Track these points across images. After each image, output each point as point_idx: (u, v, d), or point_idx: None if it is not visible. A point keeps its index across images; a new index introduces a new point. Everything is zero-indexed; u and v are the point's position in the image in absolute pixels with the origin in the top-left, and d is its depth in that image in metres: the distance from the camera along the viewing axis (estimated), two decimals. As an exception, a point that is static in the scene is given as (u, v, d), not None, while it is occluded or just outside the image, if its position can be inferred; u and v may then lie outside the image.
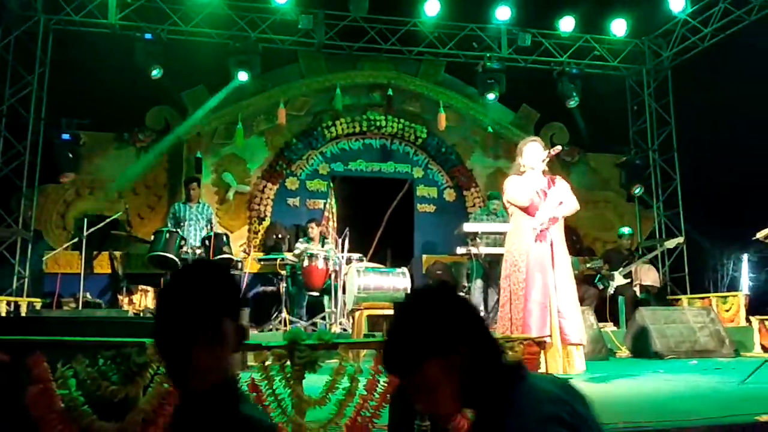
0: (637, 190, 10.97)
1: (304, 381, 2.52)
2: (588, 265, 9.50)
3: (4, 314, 7.54)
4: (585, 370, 4.85)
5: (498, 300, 8.39)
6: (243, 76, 9.55)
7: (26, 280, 8.76)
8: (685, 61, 10.65)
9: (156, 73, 9.07)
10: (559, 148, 5.34)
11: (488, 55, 10.43)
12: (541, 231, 4.84)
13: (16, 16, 8.90)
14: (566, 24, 10.37)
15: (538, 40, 10.55)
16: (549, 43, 10.65)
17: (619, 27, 10.51)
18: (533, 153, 5.01)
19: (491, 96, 10.44)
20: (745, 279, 9.59)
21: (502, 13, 10.09)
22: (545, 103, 11.17)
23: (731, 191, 9.48)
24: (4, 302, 7.84)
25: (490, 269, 8.42)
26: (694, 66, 10.44)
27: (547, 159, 5.01)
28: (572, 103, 10.47)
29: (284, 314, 8.03)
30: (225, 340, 1.37)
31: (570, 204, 5.08)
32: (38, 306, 8.21)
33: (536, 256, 4.79)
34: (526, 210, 4.90)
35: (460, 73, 11.10)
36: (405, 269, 7.24)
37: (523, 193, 4.90)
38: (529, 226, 4.87)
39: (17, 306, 8.01)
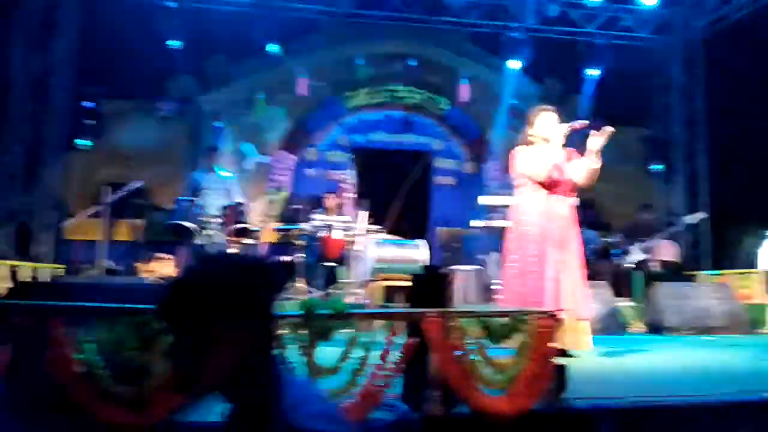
0: (656, 166, 10.86)
1: (317, 350, 2.55)
2: (606, 239, 9.44)
3: (25, 279, 7.69)
4: (592, 348, 4.76)
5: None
6: (274, 47, 9.55)
7: (49, 246, 8.90)
8: (718, 33, 10.39)
9: (175, 43, 9.07)
10: (585, 122, 5.14)
11: (514, 25, 10.27)
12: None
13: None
14: (594, -7, 10.16)
15: (564, 9, 10.36)
16: (575, 13, 10.46)
17: (649, -4, 10.26)
18: (546, 124, 4.80)
19: (516, 66, 10.31)
20: (765, 257, 9.46)
21: (528, -17, 9.94)
22: (570, 74, 11.01)
23: (758, 169, 9.33)
24: (28, 268, 7.98)
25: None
26: (727, 38, 10.19)
27: (568, 132, 4.80)
28: (595, 76, 10.32)
29: (301, 284, 8.08)
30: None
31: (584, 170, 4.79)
32: (61, 272, 8.36)
33: (550, 231, 4.66)
34: (541, 184, 4.72)
35: (484, 43, 10.98)
36: (424, 241, 7.24)
37: (541, 166, 4.69)
38: (543, 200, 4.71)
39: (39, 272, 8.14)
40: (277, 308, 1.37)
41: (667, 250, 9.10)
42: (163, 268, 8.07)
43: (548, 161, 4.70)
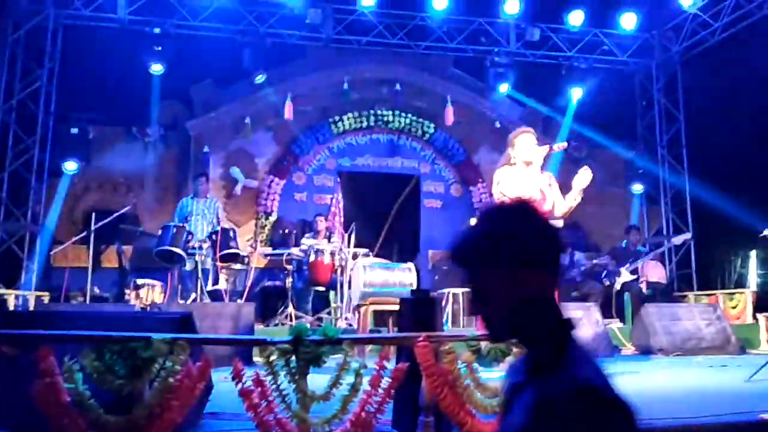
0: (639, 190, 11.01)
1: (308, 376, 2.53)
2: (594, 261, 9.49)
3: (12, 308, 7.60)
4: None
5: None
6: (260, 78, 9.62)
7: (34, 273, 8.82)
8: (695, 56, 10.59)
9: (157, 69, 9.11)
10: (564, 144, 5.17)
11: (496, 49, 10.41)
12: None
13: (25, 11, 8.94)
14: (575, 18, 10.33)
15: (546, 34, 10.51)
16: (557, 38, 10.61)
17: (628, 21, 10.47)
18: (526, 145, 4.74)
19: (502, 89, 10.44)
20: (753, 276, 9.55)
21: (511, 7, 10.07)
22: (553, 97, 11.14)
23: (740, 188, 9.43)
24: (13, 296, 7.90)
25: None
26: (704, 61, 10.38)
27: (546, 154, 4.77)
28: (577, 99, 10.45)
29: (290, 309, 8.05)
30: None
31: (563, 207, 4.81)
32: (46, 300, 8.27)
33: None
34: None
35: (468, 67, 11.08)
36: (411, 264, 7.22)
37: (525, 189, 4.60)
38: None
39: (25, 300, 8.06)
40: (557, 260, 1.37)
41: (654, 271, 9.15)
42: (152, 294, 7.99)
43: (532, 185, 4.65)
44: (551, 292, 1.35)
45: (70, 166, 9.27)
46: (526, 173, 4.70)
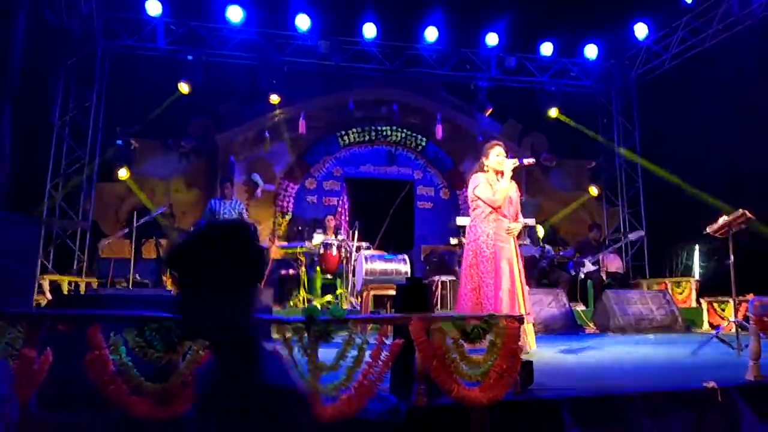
0: (595, 191, 11.03)
1: (319, 350, 2.52)
2: (562, 253, 9.47)
3: (66, 292, 7.59)
4: (536, 347, 4.61)
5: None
6: (275, 98, 9.61)
7: (85, 263, 8.81)
8: (648, 81, 10.61)
9: (186, 88, 9.12)
10: (532, 160, 5.14)
11: (479, 75, 10.41)
12: (508, 231, 4.66)
13: (79, 43, 8.93)
14: (546, 48, 10.35)
15: (522, 62, 10.52)
16: (531, 65, 10.61)
17: (591, 51, 10.48)
18: (498, 156, 4.75)
19: (484, 110, 10.46)
20: (696, 266, 9.53)
21: (491, 39, 10.11)
22: (528, 116, 11.14)
23: (685, 192, 9.44)
24: (66, 281, 7.89)
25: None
26: (657, 85, 10.40)
27: (515, 166, 4.74)
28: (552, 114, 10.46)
29: (302, 294, 8.04)
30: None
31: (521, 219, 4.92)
32: (95, 285, 8.26)
33: (504, 248, 4.58)
34: (494, 208, 4.66)
35: (455, 90, 11.07)
36: (406, 256, 7.22)
37: (496, 194, 4.65)
38: (496, 221, 4.65)
39: (77, 285, 8.05)
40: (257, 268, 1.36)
41: (612, 263, 9.15)
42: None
43: (500, 190, 4.65)
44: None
45: (123, 174, 9.32)
46: (497, 181, 4.72)
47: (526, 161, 4.92)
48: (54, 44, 8.60)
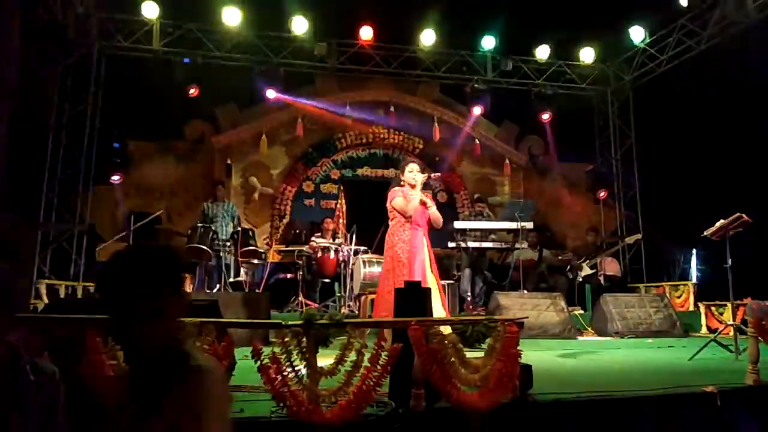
0: (602, 194, 11.00)
1: (317, 354, 2.51)
2: (560, 257, 9.48)
3: (63, 296, 7.56)
4: None
5: (479, 287, 8.41)
6: (271, 93, 9.60)
7: (82, 267, 8.78)
8: (644, 84, 10.63)
9: (195, 92, 9.11)
10: (438, 174, 5.95)
11: (476, 77, 10.42)
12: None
13: (74, 43, 8.92)
14: (542, 52, 10.37)
15: (518, 65, 10.53)
16: (527, 68, 10.63)
17: (587, 54, 10.51)
18: (409, 172, 5.17)
19: (479, 113, 10.47)
20: (694, 270, 9.54)
21: (488, 42, 10.13)
22: (524, 118, 11.16)
23: (683, 195, 9.45)
24: (63, 286, 7.85)
25: (477, 260, 8.41)
26: (652, 88, 10.42)
27: (425, 180, 5.18)
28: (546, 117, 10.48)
29: (300, 298, 8.02)
30: (165, 311, 1.37)
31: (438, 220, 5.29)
32: (92, 289, 8.22)
33: (418, 254, 5.03)
34: (407, 219, 5.10)
35: (452, 92, 11.08)
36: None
37: (408, 206, 5.08)
38: (411, 230, 5.09)
39: (74, 289, 8.01)
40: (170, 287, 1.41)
41: (610, 266, 9.16)
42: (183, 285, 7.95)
43: (413, 202, 5.09)
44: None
45: (115, 178, 9.31)
46: (411, 193, 5.15)
47: (433, 175, 5.48)
48: (50, 46, 8.57)
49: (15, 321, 1.63)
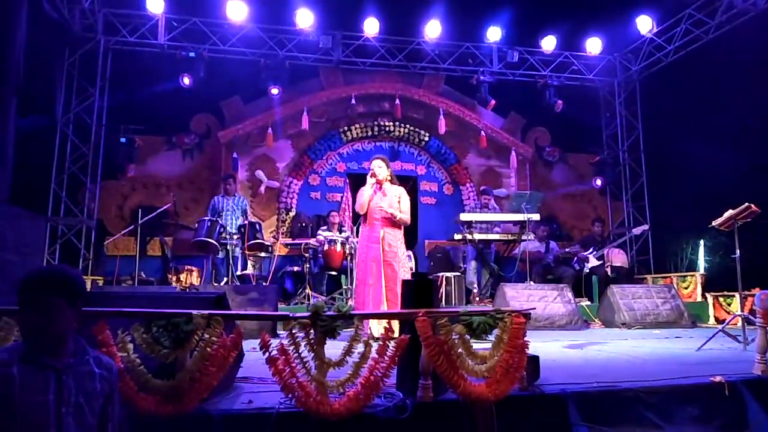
0: (598, 182, 10.97)
1: (325, 346, 2.52)
2: (567, 249, 9.47)
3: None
4: None
5: (485, 279, 8.41)
6: (275, 91, 9.59)
7: (90, 261, 8.83)
8: (652, 75, 10.57)
9: (188, 82, 9.10)
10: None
11: (481, 69, 10.38)
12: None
13: (80, 38, 8.94)
14: (548, 43, 10.32)
15: (524, 56, 10.49)
16: (534, 59, 10.58)
17: (594, 45, 10.45)
18: (378, 168, 5.37)
19: (486, 105, 10.43)
20: (702, 261, 9.51)
21: (494, 34, 10.09)
22: (531, 110, 11.11)
23: (690, 186, 9.42)
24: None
25: (483, 252, 8.41)
26: (660, 79, 10.35)
27: (374, 180, 5.34)
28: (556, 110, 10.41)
29: (307, 290, 8.05)
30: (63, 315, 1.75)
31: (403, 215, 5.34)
32: (101, 283, 8.28)
33: (372, 249, 5.19)
34: (360, 213, 5.33)
35: (457, 85, 11.03)
36: (410, 252, 7.23)
37: (361, 202, 5.30)
38: (366, 228, 5.31)
39: (83, 283, 8.04)
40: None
41: (617, 257, 9.14)
42: (190, 278, 8.00)
43: (382, 196, 5.28)
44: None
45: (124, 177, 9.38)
46: (372, 190, 5.35)
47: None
48: (55, 41, 8.60)
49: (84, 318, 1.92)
